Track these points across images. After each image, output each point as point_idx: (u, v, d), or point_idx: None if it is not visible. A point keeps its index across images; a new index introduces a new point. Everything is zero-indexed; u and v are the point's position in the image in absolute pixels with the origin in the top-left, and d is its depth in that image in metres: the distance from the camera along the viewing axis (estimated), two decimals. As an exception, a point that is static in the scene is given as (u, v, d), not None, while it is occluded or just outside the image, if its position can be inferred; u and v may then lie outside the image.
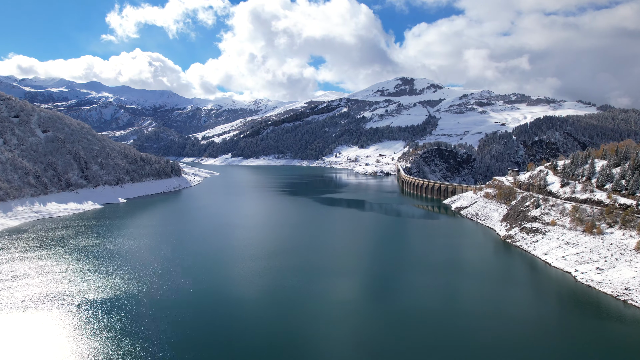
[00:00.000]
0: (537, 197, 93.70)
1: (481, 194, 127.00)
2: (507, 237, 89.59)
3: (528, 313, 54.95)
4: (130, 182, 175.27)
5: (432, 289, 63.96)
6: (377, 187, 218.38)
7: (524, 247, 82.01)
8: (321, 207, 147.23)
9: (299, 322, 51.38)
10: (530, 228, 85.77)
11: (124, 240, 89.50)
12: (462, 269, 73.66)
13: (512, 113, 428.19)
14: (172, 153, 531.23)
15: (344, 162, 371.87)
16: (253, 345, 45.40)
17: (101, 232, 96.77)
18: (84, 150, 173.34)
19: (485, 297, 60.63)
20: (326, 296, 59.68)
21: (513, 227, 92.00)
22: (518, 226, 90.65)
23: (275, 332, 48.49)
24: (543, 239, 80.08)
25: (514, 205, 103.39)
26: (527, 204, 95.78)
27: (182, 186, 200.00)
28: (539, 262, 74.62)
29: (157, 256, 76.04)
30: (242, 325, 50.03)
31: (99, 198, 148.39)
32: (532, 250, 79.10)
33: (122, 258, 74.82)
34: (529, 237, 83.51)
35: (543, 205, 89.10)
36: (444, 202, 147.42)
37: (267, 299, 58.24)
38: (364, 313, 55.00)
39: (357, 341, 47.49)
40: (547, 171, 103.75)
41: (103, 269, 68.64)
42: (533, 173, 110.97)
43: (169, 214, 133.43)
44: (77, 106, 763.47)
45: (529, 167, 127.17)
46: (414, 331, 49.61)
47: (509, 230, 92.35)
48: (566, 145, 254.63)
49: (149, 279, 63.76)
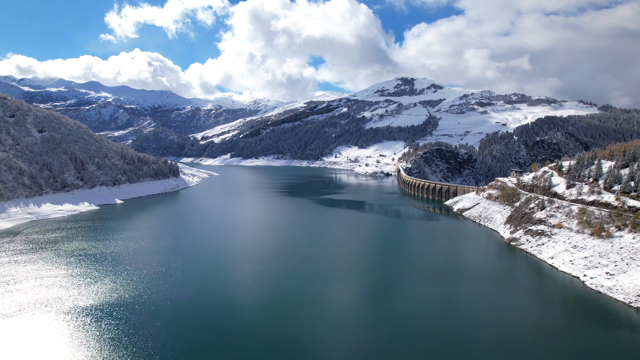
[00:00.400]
0: (542, 198, 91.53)
1: (484, 195, 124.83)
2: (512, 240, 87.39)
3: (534, 319, 52.78)
4: (127, 183, 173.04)
5: (434, 293, 61.87)
6: (377, 188, 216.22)
7: (529, 250, 79.82)
8: (321, 208, 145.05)
9: (297, 329, 49.25)
10: (536, 231, 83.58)
11: (119, 243, 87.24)
12: (465, 273, 71.52)
13: (512, 113, 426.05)
14: (171, 153, 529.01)
15: (344, 163, 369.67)
16: (251, 351, 43.35)
17: (96, 235, 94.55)
18: (81, 150, 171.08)
19: (489, 302, 58.45)
20: (326, 301, 57.48)
21: (517, 230, 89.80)
22: (523, 229, 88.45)
23: (274, 338, 46.47)
24: (549, 242, 77.88)
25: (518, 207, 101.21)
26: (532, 205, 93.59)
27: (180, 187, 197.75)
28: (545, 266, 72.43)
29: (152, 260, 73.81)
30: (239, 331, 47.87)
31: (95, 199, 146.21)
32: (538, 253, 76.89)
33: (115, 262, 72.58)
34: (535, 240, 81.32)
35: (548, 207, 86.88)
36: (445, 203, 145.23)
37: (265, 304, 56.05)
38: (364, 318, 52.91)
39: (357, 346, 45.38)
40: (552, 172, 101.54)
41: (95, 273, 66.40)
42: (537, 174, 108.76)
43: (166, 215, 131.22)
44: (76, 106, 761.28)
45: (533, 168, 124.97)
46: (415, 337, 47.52)
47: (513, 233, 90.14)
48: (568, 145, 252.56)
49: (143, 284, 61.53)
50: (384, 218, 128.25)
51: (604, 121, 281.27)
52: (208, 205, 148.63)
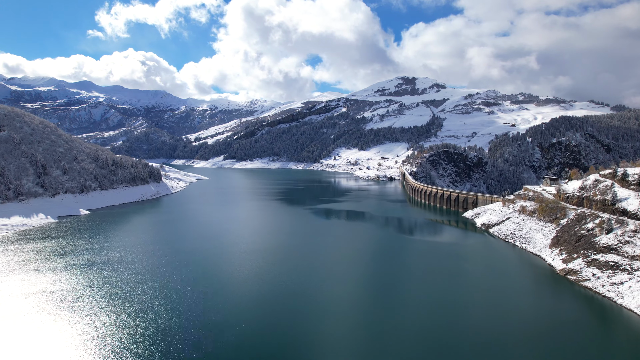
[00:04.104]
0: (606, 217, 70.65)
1: (515, 208, 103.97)
2: (568, 271, 66.45)
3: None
4: (98, 190, 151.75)
5: (474, 345, 41.52)
6: (380, 195, 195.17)
7: (599, 290, 58.89)
8: (318, 221, 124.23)
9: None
10: (605, 262, 62.64)
11: (56, 275, 65.75)
12: (512, 318, 51.35)
13: (520, 113, 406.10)
14: (163, 155, 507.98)
15: (343, 166, 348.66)
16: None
17: (34, 260, 73.08)
18: (45, 152, 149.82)
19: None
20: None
21: (574, 258, 68.86)
22: (582, 257, 67.53)
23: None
24: (631, 281, 56.98)
25: (566, 225, 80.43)
26: (590, 225, 72.76)
27: (161, 193, 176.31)
28: (632, 317, 51.63)
29: (95, 299, 52.54)
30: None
31: (55, 210, 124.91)
32: (616, 297, 55.98)
33: (46, 303, 51.19)
34: (606, 277, 60.37)
35: (619, 230, 65.98)
36: (464, 215, 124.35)
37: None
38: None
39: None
40: (611, 182, 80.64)
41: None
42: (586, 183, 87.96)
43: (137, 229, 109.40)
44: (66, 106, 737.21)
45: (572, 175, 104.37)
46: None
47: (567, 262, 69.23)
48: (589, 148, 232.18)
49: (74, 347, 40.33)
50: (394, 235, 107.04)
51: (624, 121, 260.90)
52: (183, 218, 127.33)
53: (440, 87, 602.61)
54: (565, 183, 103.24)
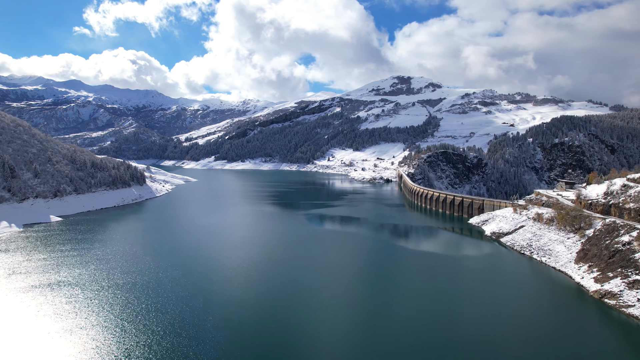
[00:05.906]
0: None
1: (528, 215, 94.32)
2: (605, 294, 56.64)
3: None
4: (74, 194, 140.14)
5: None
6: (377, 198, 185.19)
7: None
8: (310, 229, 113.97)
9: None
10: (651, 285, 52.85)
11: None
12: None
13: (518, 113, 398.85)
14: (152, 156, 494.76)
15: (338, 167, 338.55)
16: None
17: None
18: (15, 153, 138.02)
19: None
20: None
21: (610, 277, 59.06)
22: (620, 276, 57.75)
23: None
24: (690, 310, 47.14)
25: (593, 237, 70.78)
26: (625, 239, 63.08)
27: (143, 197, 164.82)
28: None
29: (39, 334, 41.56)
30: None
31: (21, 217, 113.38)
32: (673, 330, 46.12)
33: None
34: (655, 303, 50.55)
35: (665, 246, 56.28)
36: (470, 222, 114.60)
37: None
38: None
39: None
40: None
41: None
42: (613, 188, 78.44)
43: (106, 241, 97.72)
44: (53, 105, 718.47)
45: (592, 179, 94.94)
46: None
47: (602, 282, 59.42)
48: (593, 148, 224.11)
49: None
50: (393, 246, 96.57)
51: (627, 121, 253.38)
52: (162, 225, 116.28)
53: (436, 86, 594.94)
54: (584, 187, 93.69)
